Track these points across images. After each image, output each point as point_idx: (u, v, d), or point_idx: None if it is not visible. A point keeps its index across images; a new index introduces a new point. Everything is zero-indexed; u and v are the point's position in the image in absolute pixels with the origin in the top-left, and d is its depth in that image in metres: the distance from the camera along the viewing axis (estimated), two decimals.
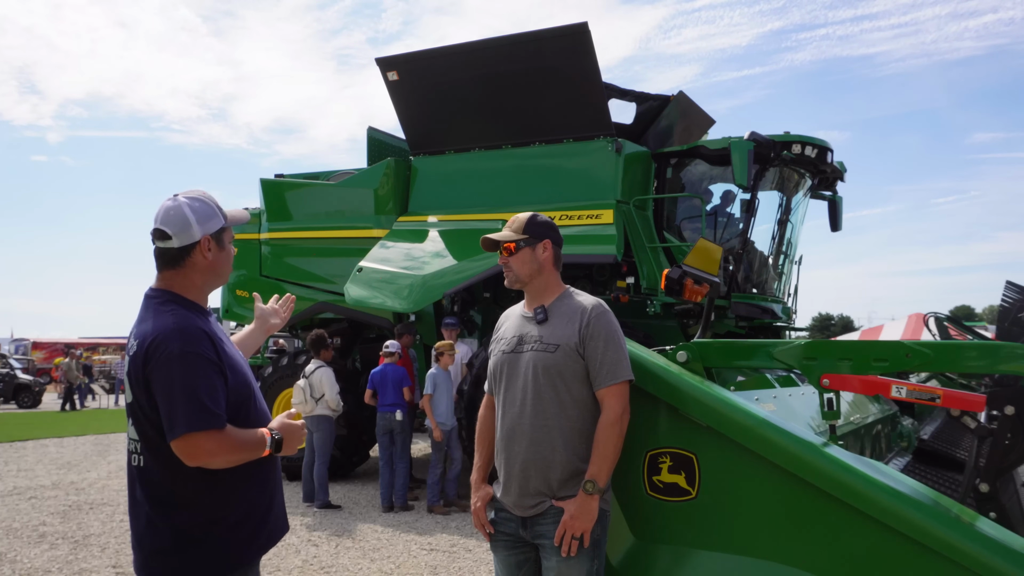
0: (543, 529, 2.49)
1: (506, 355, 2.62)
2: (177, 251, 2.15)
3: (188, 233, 2.14)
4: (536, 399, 2.50)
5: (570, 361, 2.49)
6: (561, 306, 2.59)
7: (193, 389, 2.00)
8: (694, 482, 2.47)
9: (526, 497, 2.51)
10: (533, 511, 2.51)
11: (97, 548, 6.02)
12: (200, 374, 2.02)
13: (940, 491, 2.46)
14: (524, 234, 2.63)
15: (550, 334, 2.54)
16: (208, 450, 2.01)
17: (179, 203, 2.15)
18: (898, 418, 4.92)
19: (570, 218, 7.87)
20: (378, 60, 8.93)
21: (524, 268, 2.63)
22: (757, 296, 8.54)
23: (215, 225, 2.19)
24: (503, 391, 2.62)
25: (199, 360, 2.03)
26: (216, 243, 2.20)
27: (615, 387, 2.46)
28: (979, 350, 2.69)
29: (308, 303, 9.44)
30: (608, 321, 2.52)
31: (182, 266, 2.17)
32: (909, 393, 2.92)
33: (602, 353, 2.47)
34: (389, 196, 9.16)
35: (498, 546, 2.63)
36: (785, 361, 2.67)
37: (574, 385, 2.50)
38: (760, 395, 3.26)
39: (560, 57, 8.03)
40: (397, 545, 6.26)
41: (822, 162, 8.30)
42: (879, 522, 2.12)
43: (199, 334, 2.07)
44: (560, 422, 2.48)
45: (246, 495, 2.18)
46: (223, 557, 2.13)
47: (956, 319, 6.09)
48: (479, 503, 2.67)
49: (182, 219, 2.13)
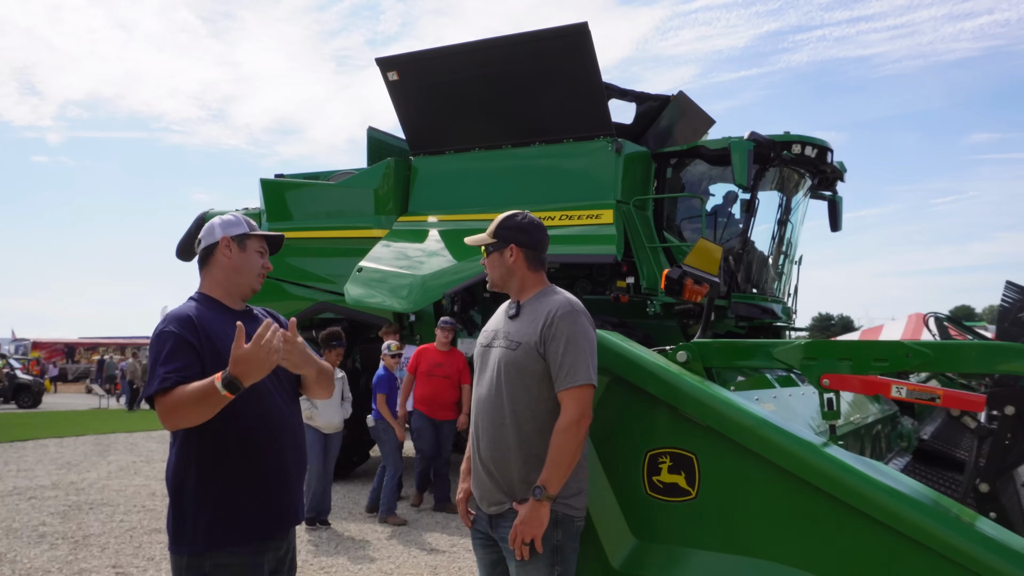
0: (504, 531, 2.47)
1: (482, 348, 2.64)
2: (204, 252, 2.49)
3: (211, 236, 2.48)
4: (497, 396, 2.49)
5: (529, 360, 2.45)
6: (534, 304, 2.56)
7: (154, 361, 2.25)
8: (694, 482, 2.46)
9: (488, 494, 2.51)
10: (495, 510, 2.50)
11: (97, 548, 6.02)
12: (163, 348, 2.25)
13: (940, 491, 2.46)
14: (493, 238, 2.62)
15: (516, 331, 2.52)
16: (161, 412, 2.20)
17: (217, 217, 2.55)
18: (898, 418, 4.91)
19: (570, 218, 7.86)
20: (378, 60, 8.93)
21: (494, 272, 2.63)
22: (757, 296, 8.54)
23: (236, 230, 2.48)
24: (475, 385, 2.64)
25: (168, 336, 2.27)
26: (237, 245, 2.47)
27: (573, 391, 2.38)
28: (979, 350, 2.69)
29: (308, 303, 9.44)
30: (572, 322, 2.44)
31: (208, 265, 2.49)
32: (909, 393, 2.91)
33: (562, 355, 2.41)
34: (389, 196, 9.15)
35: (476, 544, 2.65)
36: (785, 361, 2.67)
37: (533, 384, 2.45)
38: (760, 395, 3.25)
39: (560, 57, 8.03)
40: (397, 545, 6.26)
41: (822, 162, 8.30)
42: (879, 522, 2.12)
43: (182, 318, 2.32)
44: (517, 421, 2.45)
45: (228, 479, 2.28)
46: (200, 535, 2.25)
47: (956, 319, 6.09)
48: (461, 495, 2.68)
49: (210, 228, 2.50)
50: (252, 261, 2.49)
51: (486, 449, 2.51)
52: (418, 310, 8.54)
